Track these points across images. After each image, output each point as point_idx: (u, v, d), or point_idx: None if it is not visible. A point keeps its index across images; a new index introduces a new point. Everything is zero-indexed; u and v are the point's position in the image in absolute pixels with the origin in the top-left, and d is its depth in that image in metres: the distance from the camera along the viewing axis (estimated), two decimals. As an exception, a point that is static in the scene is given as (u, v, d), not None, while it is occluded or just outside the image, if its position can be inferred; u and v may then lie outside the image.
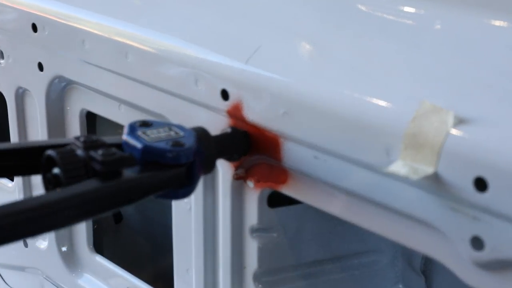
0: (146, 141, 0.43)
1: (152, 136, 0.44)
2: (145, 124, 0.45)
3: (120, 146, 0.43)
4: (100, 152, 0.41)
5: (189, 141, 0.44)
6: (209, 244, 0.57)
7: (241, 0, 0.56)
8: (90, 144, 0.41)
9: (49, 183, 0.40)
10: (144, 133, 0.44)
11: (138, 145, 0.43)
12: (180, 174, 0.43)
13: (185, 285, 0.60)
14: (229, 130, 0.50)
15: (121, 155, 0.41)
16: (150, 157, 0.43)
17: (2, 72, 0.77)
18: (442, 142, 0.38)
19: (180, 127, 0.46)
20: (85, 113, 0.71)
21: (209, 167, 0.47)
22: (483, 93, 0.40)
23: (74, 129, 0.72)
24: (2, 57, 0.76)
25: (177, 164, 0.43)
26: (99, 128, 0.74)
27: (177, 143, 0.44)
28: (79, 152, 0.40)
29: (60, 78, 0.70)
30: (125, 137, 0.44)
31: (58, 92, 0.71)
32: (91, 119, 0.72)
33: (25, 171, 0.44)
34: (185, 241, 0.59)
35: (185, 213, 0.59)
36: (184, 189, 0.44)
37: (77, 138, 0.41)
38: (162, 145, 0.43)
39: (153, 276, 0.74)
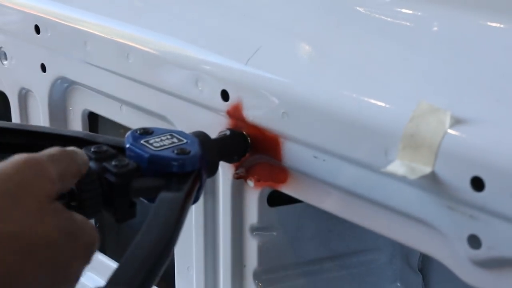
0: (151, 150, 0.43)
1: (156, 144, 0.44)
2: (146, 132, 0.45)
3: (122, 149, 0.44)
4: (113, 163, 0.41)
5: (194, 148, 0.44)
6: (209, 242, 0.58)
7: (241, 2, 0.57)
8: (101, 155, 0.41)
9: (61, 198, 0.40)
10: (147, 141, 0.44)
11: (144, 154, 0.43)
12: (196, 177, 0.43)
13: (186, 283, 0.61)
14: (227, 132, 0.51)
15: (132, 166, 0.42)
16: (156, 166, 0.43)
17: (5, 73, 0.77)
18: (439, 142, 0.38)
19: (182, 133, 0.46)
20: (87, 113, 0.72)
21: (213, 171, 0.48)
22: (480, 93, 0.40)
23: (76, 129, 0.72)
24: (6, 58, 0.77)
25: (183, 172, 0.43)
26: (101, 128, 0.75)
27: (182, 151, 0.44)
28: (92, 164, 0.41)
29: (62, 79, 0.70)
30: (129, 146, 0.44)
31: (61, 93, 0.72)
32: (93, 120, 0.73)
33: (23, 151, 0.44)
34: (186, 239, 0.59)
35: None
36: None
37: (87, 149, 0.42)
38: (167, 153, 0.43)
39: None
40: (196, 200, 0.45)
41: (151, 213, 0.39)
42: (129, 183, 0.41)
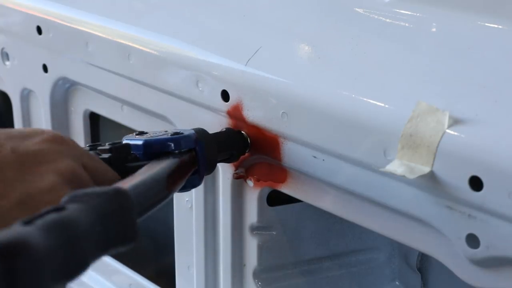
0: (145, 138, 0.45)
1: (150, 135, 0.46)
2: (142, 133, 0.47)
3: None
4: (107, 143, 0.43)
5: (188, 132, 0.46)
6: (209, 242, 0.58)
7: (241, 3, 0.57)
8: (95, 146, 0.43)
9: None
10: (141, 136, 0.46)
11: (139, 142, 0.44)
12: (193, 157, 0.44)
13: (186, 282, 0.61)
14: (224, 129, 0.51)
15: (126, 143, 0.43)
16: (152, 150, 0.44)
17: (7, 73, 0.78)
18: (438, 142, 0.38)
19: (176, 129, 0.48)
20: (89, 113, 0.72)
21: (211, 167, 0.48)
22: (479, 94, 0.40)
23: (78, 129, 0.73)
24: (8, 59, 0.77)
25: (179, 151, 0.44)
26: (102, 128, 0.75)
27: (176, 133, 0.45)
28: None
29: (64, 79, 0.71)
30: (125, 141, 0.45)
31: (62, 93, 0.72)
32: (94, 120, 0.73)
33: None
34: (186, 239, 0.60)
35: (186, 212, 0.60)
36: (193, 177, 0.45)
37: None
38: (162, 137, 0.45)
39: (155, 273, 0.74)
40: (195, 184, 0.46)
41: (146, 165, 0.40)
42: (125, 160, 0.42)
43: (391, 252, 0.60)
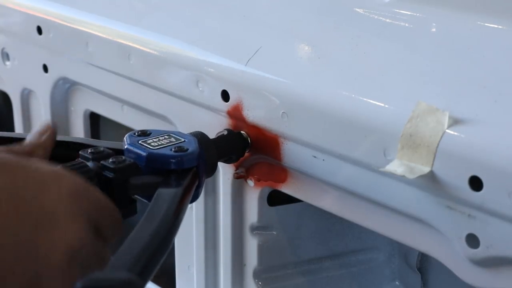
0: (149, 149, 0.44)
1: (153, 144, 0.45)
2: (144, 134, 0.46)
3: (121, 151, 0.44)
4: (111, 160, 0.42)
5: (192, 146, 0.45)
6: (210, 241, 0.58)
7: (241, 3, 0.57)
8: (98, 155, 0.42)
9: None
10: (145, 142, 0.45)
11: (142, 153, 0.43)
12: (194, 174, 0.44)
13: (187, 282, 0.61)
14: (225, 132, 0.51)
15: (130, 162, 0.42)
16: (155, 164, 0.43)
17: (8, 73, 0.78)
18: (438, 142, 0.39)
19: (179, 134, 0.47)
20: (89, 113, 0.72)
21: (211, 171, 0.48)
22: (479, 94, 0.40)
23: (78, 129, 0.73)
24: (8, 59, 0.77)
25: (181, 169, 0.44)
26: (102, 128, 0.75)
27: (180, 149, 0.44)
28: (90, 164, 0.41)
29: (64, 79, 0.71)
30: (126, 146, 0.44)
31: (63, 93, 0.72)
32: (94, 120, 0.73)
33: None
34: (187, 238, 0.60)
35: (187, 212, 0.60)
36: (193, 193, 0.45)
37: (84, 151, 0.42)
38: (165, 151, 0.44)
39: (155, 273, 0.74)
40: (195, 198, 0.46)
41: (150, 206, 0.40)
42: (128, 179, 0.42)
43: (391, 252, 0.60)
